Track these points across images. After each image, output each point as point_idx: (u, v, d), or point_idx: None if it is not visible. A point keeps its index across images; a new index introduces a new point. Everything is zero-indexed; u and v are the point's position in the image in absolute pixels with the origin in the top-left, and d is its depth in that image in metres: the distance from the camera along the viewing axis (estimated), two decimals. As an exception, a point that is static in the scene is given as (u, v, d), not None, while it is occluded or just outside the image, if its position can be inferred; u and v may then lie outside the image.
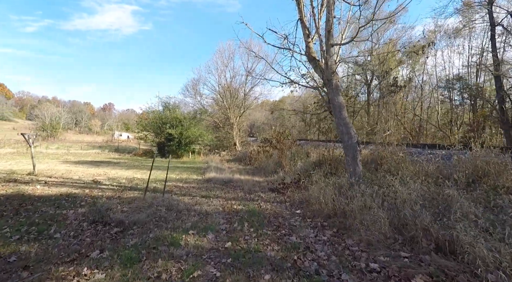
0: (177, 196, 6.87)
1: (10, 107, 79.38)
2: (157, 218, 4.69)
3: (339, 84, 6.07)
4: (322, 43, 6.33)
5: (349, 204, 4.51)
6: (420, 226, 3.13)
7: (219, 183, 9.38)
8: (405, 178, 4.82)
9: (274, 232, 4.01)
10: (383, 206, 3.91)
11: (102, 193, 7.02)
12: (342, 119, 5.95)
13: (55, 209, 5.28)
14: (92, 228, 4.13)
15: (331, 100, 6.11)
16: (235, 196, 7.17)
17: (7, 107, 75.84)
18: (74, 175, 10.18)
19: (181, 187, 8.25)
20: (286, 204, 6.12)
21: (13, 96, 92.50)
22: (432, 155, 6.38)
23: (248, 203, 6.13)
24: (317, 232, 4.01)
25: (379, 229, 3.43)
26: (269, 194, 7.38)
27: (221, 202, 6.29)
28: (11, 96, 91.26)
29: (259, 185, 9.11)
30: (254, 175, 12.39)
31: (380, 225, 3.45)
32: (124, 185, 8.20)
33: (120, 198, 6.42)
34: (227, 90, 28.67)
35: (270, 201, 6.51)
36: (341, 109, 5.99)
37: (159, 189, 7.42)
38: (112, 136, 42.40)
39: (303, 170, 9.52)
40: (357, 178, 5.48)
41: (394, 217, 3.66)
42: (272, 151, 14.61)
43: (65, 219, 4.58)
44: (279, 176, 10.74)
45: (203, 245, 3.53)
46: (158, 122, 21.46)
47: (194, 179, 10.11)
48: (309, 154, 11.96)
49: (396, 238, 3.27)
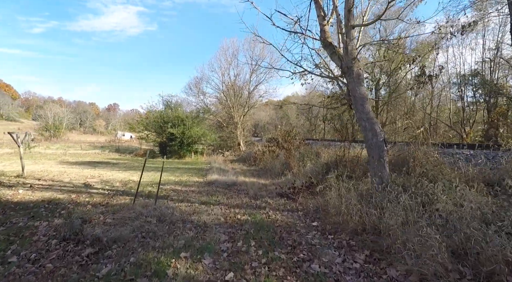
0: (173, 202, 6.04)
1: (16, 107, 79.94)
2: (145, 233, 3.85)
3: (361, 72, 5.16)
4: (340, 24, 5.42)
5: (382, 216, 3.61)
6: (501, 257, 2.21)
7: (222, 186, 8.54)
8: (448, 185, 3.89)
9: (289, 256, 3.13)
10: (433, 222, 2.99)
11: (90, 198, 6.22)
12: (365, 113, 5.03)
13: (28, 219, 4.48)
14: (60, 248, 3.31)
15: (351, 91, 5.20)
16: (239, 202, 6.30)
17: (13, 107, 76.36)
18: (66, 177, 9.45)
19: (180, 191, 7.42)
20: (299, 213, 5.22)
21: (19, 97, 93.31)
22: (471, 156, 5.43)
23: (255, 212, 5.25)
24: (344, 255, 3.11)
25: (434, 257, 2.52)
26: (278, 200, 6.50)
27: (223, 211, 5.43)
28: (18, 96, 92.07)
29: (265, 189, 8.24)
30: (260, 177, 11.51)
31: (435, 251, 2.53)
32: (117, 189, 7.41)
33: (108, 205, 5.60)
34: (231, 89, 27.86)
35: (279, 209, 5.62)
36: (363, 102, 5.07)
37: (154, 194, 6.60)
38: (115, 136, 41.98)
39: (314, 173, 8.62)
40: (385, 184, 4.56)
41: (450, 238, 2.75)
42: (278, 151, 13.71)
43: (32, 235, 3.78)
44: (287, 178, 9.84)
45: (197, 275, 2.67)
46: (160, 121, 20.72)
47: (194, 182, 9.28)
48: (319, 155, 11.03)
49: (462, 272, 2.35)
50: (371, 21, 5.35)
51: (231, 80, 27.92)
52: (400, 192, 3.97)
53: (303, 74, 6.45)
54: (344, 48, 5.25)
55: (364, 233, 3.62)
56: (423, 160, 4.80)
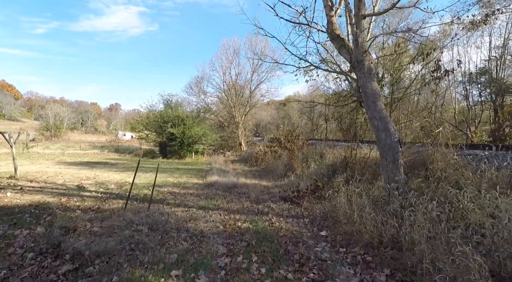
0: (170, 207, 5.63)
1: (18, 107, 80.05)
2: (134, 244, 3.44)
3: (373, 66, 4.72)
4: (350, 14, 4.98)
5: (401, 227, 3.17)
6: None
7: (222, 188, 8.13)
8: (475, 191, 3.44)
9: (296, 275, 2.70)
10: (468, 237, 2.55)
11: (81, 202, 5.84)
12: (378, 111, 4.59)
13: (9, 227, 4.10)
14: (36, 264, 2.91)
15: (362, 87, 4.76)
16: (240, 207, 5.89)
17: (15, 107, 76.44)
18: (61, 178, 9.08)
19: (177, 194, 7.02)
20: (304, 220, 4.79)
21: (22, 97, 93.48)
22: (492, 158, 4.97)
23: (256, 219, 4.83)
24: (361, 275, 2.68)
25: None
26: (281, 204, 6.07)
27: (222, 217, 5.02)
28: (20, 96, 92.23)
29: (268, 192, 7.82)
30: (262, 178, 11.09)
31: (476, 276, 2.10)
32: (111, 192, 7.02)
33: (99, 210, 5.21)
34: (232, 88, 27.45)
35: (283, 215, 5.20)
36: (375, 99, 4.63)
37: (154, 198, 6.21)
38: (116, 135, 41.74)
39: (319, 175, 8.18)
40: (401, 189, 4.12)
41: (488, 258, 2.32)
42: (280, 152, 13.28)
43: (8, 246, 3.38)
44: (290, 180, 9.41)
45: (189, 301, 2.26)
46: (159, 120, 20.35)
47: (193, 184, 8.87)
48: (323, 155, 10.58)
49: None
50: (383, 10, 4.90)
51: (232, 79, 27.53)
52: (421, 199, 3.52)
53: (308, 69, 6.01)
54: (354, 40, 4.81)
55: (382, 247, 3.18)
56: (442, 163, 4.35)
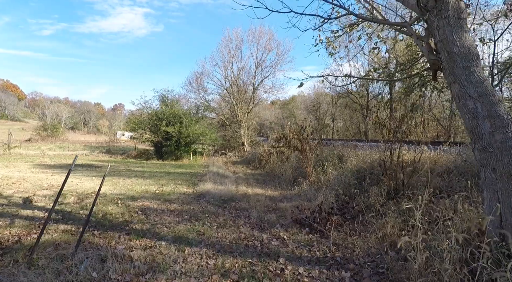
0: (127, 239, 3.69)
1: (21, 107, 79.60)
2: None
3: (463, 6, 2.72)
4: None
5: None
6: None
7: (215, 202, 6.20)
8: None
9: None
10: None
11: (3, 229, 3.95)
12: (474, 84, 2.59)
13: None
14: None
15: (443, 43, 2.75)
16: (236, 236, 3.94)
17: (18, 107, 75.94)
18: (16, 187, 7.26)
19: (152, 212, 5.10)
20: (342, 273, 2.80)
21: (26, 97, 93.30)
22: None
23: (260, 267, 2.86)
24: None
25: None
26: (296, 232, 4.10)
27: (204, 262, 3.06)
28: (24, 97, 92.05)
29: (275, 207, 5.86)
30: (266, 185, 9.14)
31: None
32: (62, 209, 5.11)
33: (7, 252, 3.31)
34: (235, 84, 25.57)
35: (302, 257, 3.22)
36: (469, 62, 2.63)
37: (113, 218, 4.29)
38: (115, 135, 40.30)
39: (343, 184, 6.18)
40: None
41: None
42: (288, 153, 11.29)
43: None
44: (302, 189, 7.42)
45: None
46: (154, 118, 18.53)
47: (180, 195, 6.94)
48: (342, 158, 8.56)
49: None
50: None
51: (235, 75, 25.62)
52: None
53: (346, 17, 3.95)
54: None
55: None
56: None
